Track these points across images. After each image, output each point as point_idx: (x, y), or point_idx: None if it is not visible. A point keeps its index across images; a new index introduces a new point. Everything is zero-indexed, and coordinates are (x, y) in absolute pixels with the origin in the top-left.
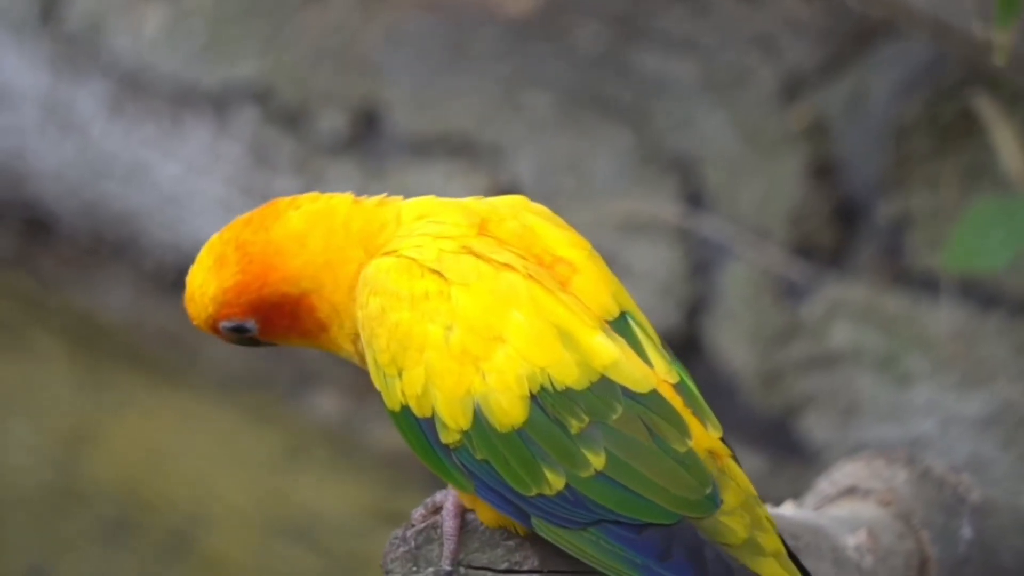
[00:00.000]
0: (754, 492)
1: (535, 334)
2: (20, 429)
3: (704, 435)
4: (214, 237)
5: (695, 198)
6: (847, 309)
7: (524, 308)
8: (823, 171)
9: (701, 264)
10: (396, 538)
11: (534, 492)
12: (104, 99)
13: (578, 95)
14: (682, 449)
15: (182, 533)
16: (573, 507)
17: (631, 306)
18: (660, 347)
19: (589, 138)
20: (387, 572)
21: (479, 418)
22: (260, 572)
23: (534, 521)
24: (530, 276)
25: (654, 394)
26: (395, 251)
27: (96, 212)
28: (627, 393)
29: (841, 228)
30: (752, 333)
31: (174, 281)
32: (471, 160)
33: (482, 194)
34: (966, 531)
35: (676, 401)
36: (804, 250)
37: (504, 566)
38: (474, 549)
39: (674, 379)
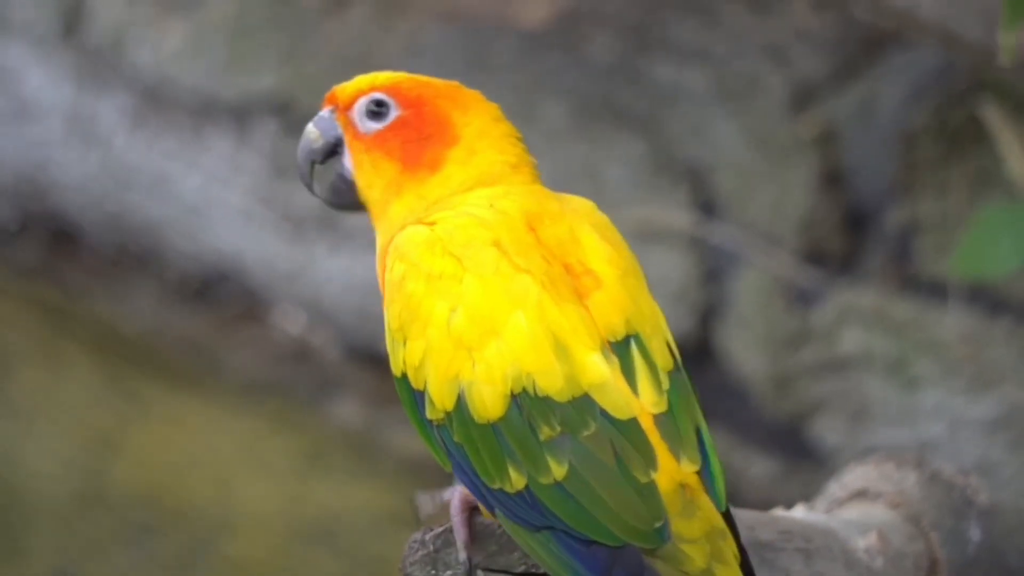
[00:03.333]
0: (722, 527)
1: (531, 339)
2: (46, 436)
3: (675, 469)
4: None
5: (707, 205)
6: (857, 314)
7: (528, 312)
8: (833, 178)
9: (713, 271)
10: (415, 541)
11: (497, 485)
12: (127, 112)
13: (592, 104)
14: (643, 479)
15: (205, 537)
16: (529, 508)
17: (647, 330)
18: (659, 375)
19: (603, 146)
20: (406, 575)
21: (461, 403)
22: (281, 575)
23: (497, 513)
24: (544, 285)
25: (632, 422)
26: (434, 222)
27: (119, 223)
28: (605, 416)
29: (851, 235)
30: (764, 338)
31: (197, 290)
32: None
33: None
34: (974, 533)
35: (653, 433)
36: (814, 257)
37: (521, 569)
38: (492, 552)
39: (660, 409)
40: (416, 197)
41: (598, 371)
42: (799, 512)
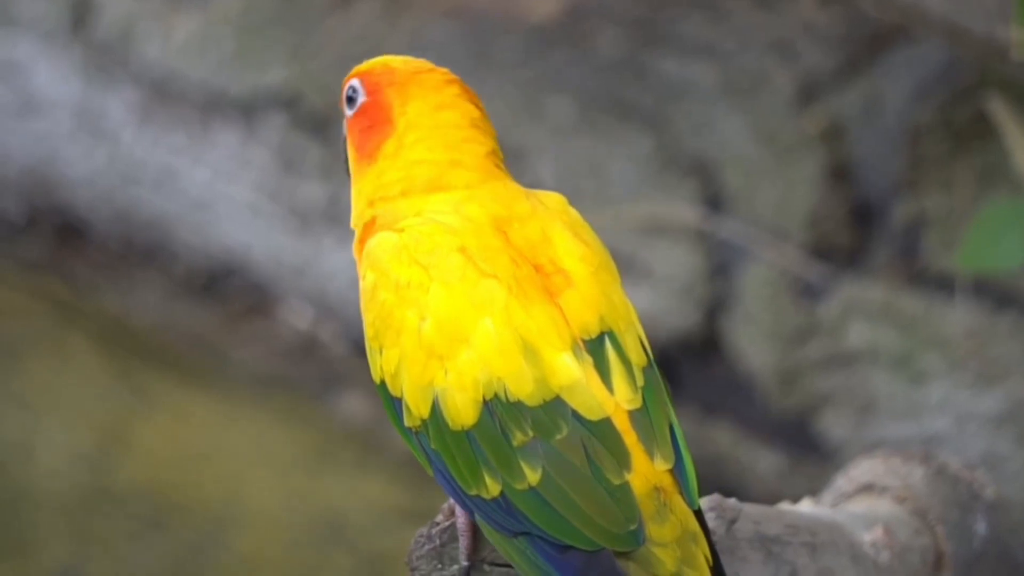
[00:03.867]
0: (696, 530)
1: (500, 344)
2: (54, 431)
3: (649, 470)
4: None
5: (714, 200)
6: (863, 309)
7: (496, 317)
8: (839, 173)
9: (720, 265)
10: (421, 536)
11: (474, 492)
12: (134, 106)
13: (599, 100)
14: (616, 481)
15: (213, 532)
16: (505, 514)
17: (621, 327)
18: (634, 371)
19: (610, 142)
20: (413, 569)
21: (436, 411)
22: (289, 569)
23: (477, 518)
24: (511, 288)
25: (605, 422)
26: (402, 229)
27: (127, 218)
28: (577, 417)
29: (857, 229)
30: (770, 333)
31: (204, 285)
32: None
33: None
34: (981, 527)
35: (628, 433)
36: (821, 251)
37: None
38: None
39: (635, 405)
40: (356, 192)
41: (568, 372)
42: (805, 506)
